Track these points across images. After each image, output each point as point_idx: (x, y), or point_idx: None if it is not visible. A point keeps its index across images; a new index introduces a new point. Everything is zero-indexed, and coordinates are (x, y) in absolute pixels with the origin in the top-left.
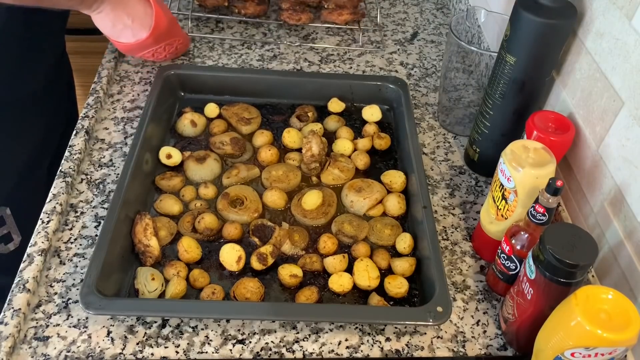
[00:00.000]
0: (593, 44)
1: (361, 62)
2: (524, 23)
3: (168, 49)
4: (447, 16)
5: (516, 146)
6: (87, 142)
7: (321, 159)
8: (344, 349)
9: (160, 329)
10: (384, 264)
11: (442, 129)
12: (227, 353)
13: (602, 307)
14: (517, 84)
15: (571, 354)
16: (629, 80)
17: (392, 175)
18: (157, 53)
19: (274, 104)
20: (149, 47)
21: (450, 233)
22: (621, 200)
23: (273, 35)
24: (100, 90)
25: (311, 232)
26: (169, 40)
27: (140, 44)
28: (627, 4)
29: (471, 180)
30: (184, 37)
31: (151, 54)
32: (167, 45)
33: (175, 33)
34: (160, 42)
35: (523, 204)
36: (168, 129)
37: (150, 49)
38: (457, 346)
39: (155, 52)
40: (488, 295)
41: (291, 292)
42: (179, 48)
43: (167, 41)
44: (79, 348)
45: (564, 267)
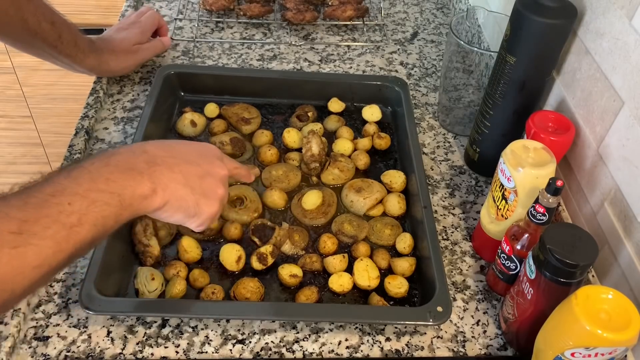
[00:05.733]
0: (593, 44)
1: (361, 62)
2: (524, 23)
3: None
4: (447, 16)
5: (516, 146)
6: (87, 142)
7: (321, 159)
8: (344, 349)
9: (160, 329)
10: (384, 264)
11: (442, 129)
12: (227, 353)
13: (602, 307)
14: (517, 84)
15: (571, 354)
16: (629, 80)
17: (392, 175)
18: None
19: (274, 104)
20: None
21: (450, 233)
22: (621, 200)
23: (273, 35)
24: (100, 90)
25: (311, 232)
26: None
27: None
28: (627, 4)
29: (471, 180)
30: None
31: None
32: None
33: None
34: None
35: (523, 204)
36: (168, 129)
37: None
38: (457, 346)
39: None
40: (488, 295)
41: (291, 292)
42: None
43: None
44: (79, 348)
45: (564, 267)
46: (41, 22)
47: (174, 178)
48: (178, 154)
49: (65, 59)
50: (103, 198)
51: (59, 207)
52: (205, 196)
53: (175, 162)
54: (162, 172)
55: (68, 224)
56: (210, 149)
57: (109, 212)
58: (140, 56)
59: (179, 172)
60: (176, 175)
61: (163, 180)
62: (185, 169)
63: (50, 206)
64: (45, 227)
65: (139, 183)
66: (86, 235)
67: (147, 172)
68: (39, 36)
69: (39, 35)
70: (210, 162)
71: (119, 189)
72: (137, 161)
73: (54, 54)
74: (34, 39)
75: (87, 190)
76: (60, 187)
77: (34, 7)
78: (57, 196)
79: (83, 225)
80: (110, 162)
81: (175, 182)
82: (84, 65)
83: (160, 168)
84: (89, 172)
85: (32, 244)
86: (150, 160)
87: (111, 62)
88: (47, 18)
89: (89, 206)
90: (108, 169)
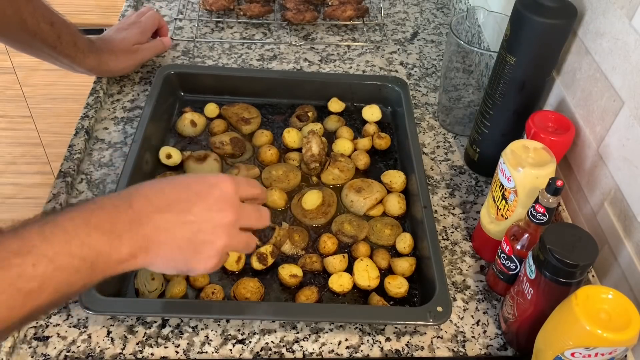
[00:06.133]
0: (593, 44)
1: (361, 62)
2: (524, 23)
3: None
4: (447, 16)
5: (516, 146)
6: (87, 142)
7: (321, 158)
8: (344, 349)
9: (160, 329)
10: (384, 263)
11: (442, 129)
12: (227, 353)
13: (602, 307)
14: (517, 84)
15: (571, 354)
16: (629, 80)
17: (392, 175)
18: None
19: (274, 104)
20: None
21: (450, 233)
22: (621, 200)
23: (273, 35)
24: (100, 90)
25: (311, 232)
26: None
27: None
28: (627, 4)
29: (471, 180)
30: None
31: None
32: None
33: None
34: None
35: (523, 204)
36: (168, 128)
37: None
38: (457, 346)
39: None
40: (488, 295)
41: (291, 292)
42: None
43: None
44: (78, 348)
45: (564, 267)
46: (40, 22)
47: (159, 238)
48: (169, 205)
49: (64, 59)
50: (73, 263)
51: (19, 269)
52: (197, 253)
53: (163, 219)
54: (145, 234)
55: (26, 289)
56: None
57: (76, 278)
58: (140, 56)
59: (165, 230)
60: (162, 235)
61: (145, 243)
62: (173, 227)
63: (10, 267)
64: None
65: (116, 249)
66: (45, 300)
67: (127, 234)
68: (38, 37)
69: (38, 35)
70: (210, 207)
71: (93, 255)
72: (119, 220)
73: (53, 54)
74: (33, 39)
75: (57, 254)
76: (28, 245)
77: (32, 8)
78: (22, 255)
79: (44, 291)
80: (91, 221)
81: (160, 242)
82: (83, 65)
83: (145, 229)
84: (64, 232)
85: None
86: (135, 219)
87: (111, 63)
88: (46, 19)
89: (54, 271)
90: (86, 230)
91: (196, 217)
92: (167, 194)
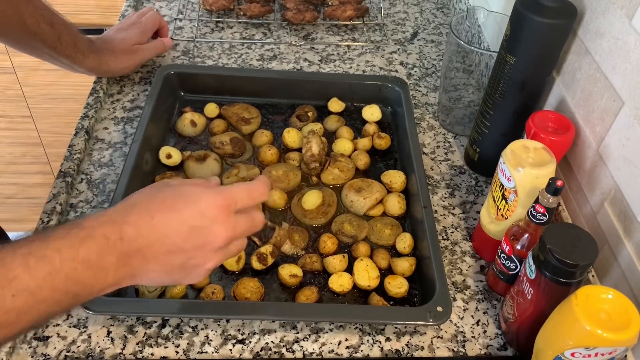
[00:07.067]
0: (593, 43)
1: (361, 62)
2: (524, 23)
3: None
4: (447, 16)
5: (516, 146)
6: (87, 142)
7: (321, 158)
8: (344, 349)
9: (160, 329)
10: (384, 263)
11: (442, 129)
12: (227, 353)
13: (602, 307)
14: (517, 84)
15: (571, 354)
16: (629, 80)
17: (392, 175)
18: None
19: (274, 104)
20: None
21: (450, 233)
22: (621, 200)
23: (273, 35)
24: (100, 90)
25: (311, 232)
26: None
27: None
28: (627, 4)
29: (471, 180)
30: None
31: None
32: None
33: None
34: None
35: (523, 204)
36: (168, 128)
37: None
38: (457, 346)
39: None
40: (488, 295)
41: (291, 292)
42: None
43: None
44: (78, 348)
45: (564, 267)
46: (40, 23)
47: (147, 268)
48: (160, 238)
49: (64, 59)
50: (54, 296)
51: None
52: (186, 275)
53: (152, 253)
54: (132, 265)
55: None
56: (211, 211)
57: (57, 309)
58: (140, 56)
59: (154, 261)
60: (151, 265)
61: (132, 272)
62: (163, 258)
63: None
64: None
65: (100, 281)
66: (20, 329)
67: (114, 269)
68: (38, 37)
69: (38, 36)
70: (204, 234)
71: (76, 288)
72: (108, 253)
73: (53, 54)
74: (33, 40)
75: (40, 287)
76: (9, 277)
77: (32, 9)
78: (2, 286)
79: (20, 322)
80: (79, 255)
81: (148, 270)
82: (83, 65)
83: (132, 261)
84: (49, 264)
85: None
86: (124, 251)
87: (111, 63)
88: (46, 19)
89: (35, 303)
90: (72, 265)
91: (187, 248)
92: (157, 225)
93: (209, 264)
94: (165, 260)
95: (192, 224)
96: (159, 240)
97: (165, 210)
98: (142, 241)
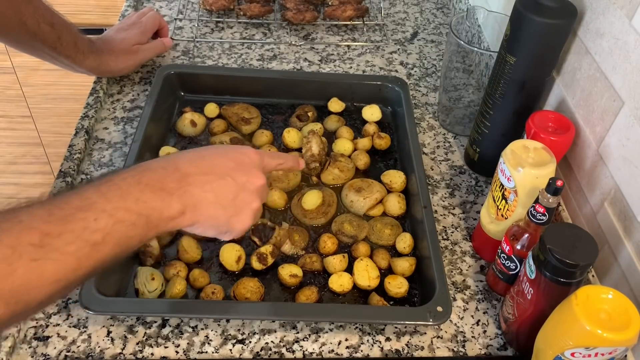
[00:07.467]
0: (593, 43)
1: (361, 62)
2: (524, 23)
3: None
4: (447, 16)
5: (516, 146)
6: (87, 142)
7: (321, 158)
8: (344, 349)
9: (160, 329)
10: (384, 263)
11: (442, 129)
12: (227, 353)
13: (602, 307)
14: (517, 84)
15: (571, 354)
16: (629, 80)
17: (392, 175)
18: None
19: (274, 104)
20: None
21: (450, 233)
22: (621, 200)
23: (273, 35)
24: (100, 90)
25: (311, 232)
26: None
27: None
28: (627, 4)
29: (471, 180)
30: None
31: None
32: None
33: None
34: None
35: (523, 204)
36: (168, 128)
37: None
38: (457, 346)
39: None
40: (488, 295)
41: (291, 292)
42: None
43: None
44: (78, 348)
45: (564, 267)
46: (40, 23)
47: (205, 197)
48: (212, 168)
49: (65, 59)
50: (130, 218)
51: (84, 223)
52: (237, 212)
53: (208, 180)
54: (193, 192)
55: (91, 241)
56: (249, 156)
57: (134, 232)
58: (140, 56)
59: (210, 190)
60: (207, 195)
61: (193, 201)
62: (218, 187)
63: (75, 221)
64: (68, 242)
65: (167, 205)
66: (108, 254)
67: (177, 192)
68: (38, 37)
69: (38, 36)
70: (246, 172)
71: (147, 210)
72: (168, 180)
73: (53, 55)
74: (33, 40)
75: (115, 209)
76: (88, 202)
77: (33, 9)
78: (84, 211)
79: (106, 244)
80: (142, 180)
81: (207, 201)
82: (83, 66)
83: (191, 188)
84: (119, 189)
85: (52, 258)
86: (182, 179)
87: (111, 63)
88: (47, 19)
89: (114, 224)
90: (139, 188)
91: (236, 181)
92: (208, 160)
93: (254, 204)
94: (219, 190)
95: (237, 160)
96: (211, 168)
97: (212, 152)
98: (196, 169)
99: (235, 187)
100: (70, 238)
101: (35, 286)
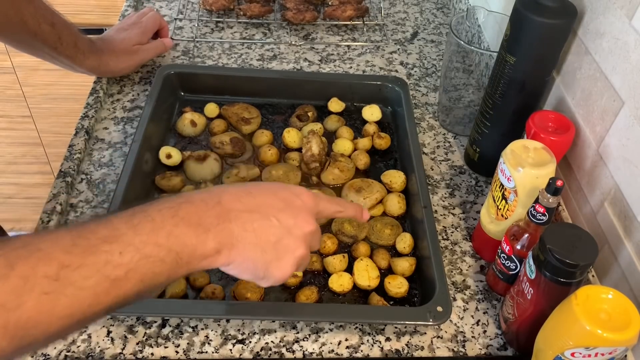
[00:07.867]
0: (593, 43)
1: (361, 62)
2: (524, 23)
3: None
4: (447, 16)
5: (516, 146)
6: (87, 142)
7: (321, 158)
8: (344, 349)
9: (160, 329)
10: (384, 263)
11: (442, 129)
12: (227, 353)
13: (602, 307)
14: (517, 84)
15: (571, 354)
16: (629, 80)
17: (392, 175)
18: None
19: (274, 104)
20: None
21: (450, 233)
22: (621, 200)
23: (273, 35)
24: (100, 90)
25: None
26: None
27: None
28: (627, 4)
29: (471, 180)
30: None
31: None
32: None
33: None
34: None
35: (523, 204)
36: (168, 128)
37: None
38: (457, 346)
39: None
40: (488, 295)
41: (291, 292)
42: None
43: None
44: (78, 348)
45: (564, 267)
46: (41, 23)
47: (245, 237)
48: (258, 206)
49: (65, 59)
50: (159, 254)
51: (107, 256)
52: (278, 259)
53: (250, 219)
54: (232, 230)
55: (112, 276)
56: (301, 198)
57: (161, 269)
58: (141, 57)
59: (251, 230)
60: (248, 235)
61: (231, 239)
62: (260, 227)
63: (98, 253)
64: (86, 276)
65: (202, 242)
66: (130, 290)
67: (215, 229)
68: (39, 37)
69: (39, 36)
70: (295, 215)
71: (178, 246)
72: (207, 215)
73: (53, 55)
74: (34, 40)
75: (144, 243)
76: (115, 233)
77: (33, 9)
78: (110, 242)
79: (129, 280)
80: (179, 213)
81: (246, 241)
82: (84, 66)
83: (231, 225)
84: (151, 221)
85: (66, 294)
86: (223, 214)
87: (111, 63)
88: (47, 19)
89: (140, 260)
90: (173, 221)
91: (281, 223)
92: (255, 196)
93: (298, 251)
94: (262, 231)
95: (287, 201)
96: (257, 206)
97: (261, 188)
98: (239, 205)
99: (280, 230)
100: (90, 272)
101: (45, 321)
